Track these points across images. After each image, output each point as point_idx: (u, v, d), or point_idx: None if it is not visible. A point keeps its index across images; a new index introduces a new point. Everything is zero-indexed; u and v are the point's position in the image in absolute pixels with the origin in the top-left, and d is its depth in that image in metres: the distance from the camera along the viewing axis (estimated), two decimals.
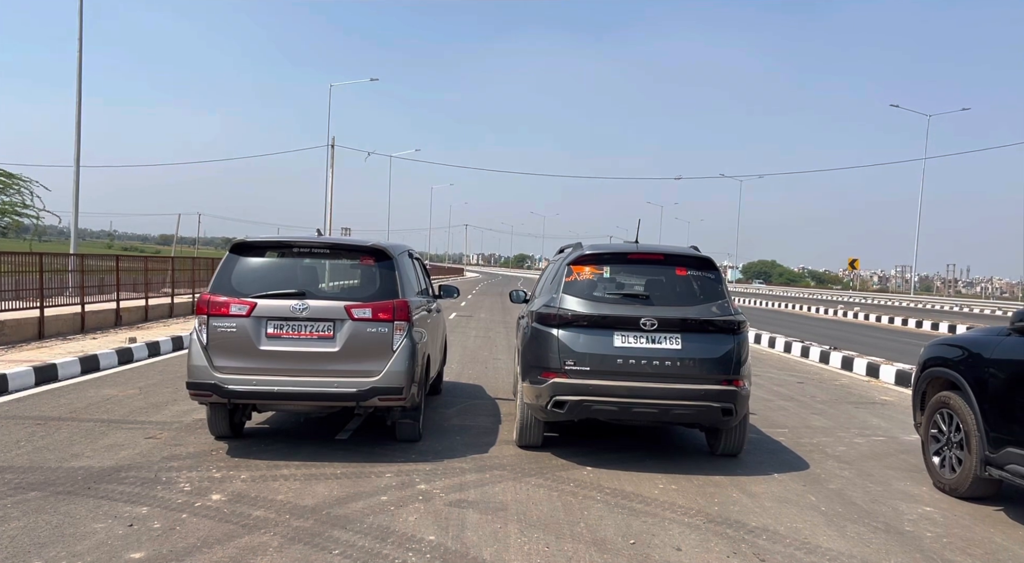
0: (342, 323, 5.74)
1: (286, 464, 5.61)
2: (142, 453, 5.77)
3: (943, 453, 5.52)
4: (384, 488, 5.13)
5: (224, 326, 5.71)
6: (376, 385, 5.71)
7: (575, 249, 6.44)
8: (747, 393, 5.86)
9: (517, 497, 5.05)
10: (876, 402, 9.63)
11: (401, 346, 5.83)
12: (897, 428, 7.93)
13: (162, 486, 4.99)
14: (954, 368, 5.41)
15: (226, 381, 5.65)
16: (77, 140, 20.57)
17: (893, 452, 6.81)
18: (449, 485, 5.25)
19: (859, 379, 11.81)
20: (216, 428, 6.19)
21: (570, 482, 5.43)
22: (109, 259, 16.82)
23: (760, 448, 6.72)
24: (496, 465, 5.81)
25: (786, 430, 7.57)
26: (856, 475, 5.95)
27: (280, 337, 5.72)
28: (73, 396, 7.88)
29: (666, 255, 6.19)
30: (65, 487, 4.91)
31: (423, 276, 7.72)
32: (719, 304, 5.92)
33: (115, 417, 6.97)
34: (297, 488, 5.06)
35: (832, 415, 8.54)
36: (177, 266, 19.33)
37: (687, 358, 5.66)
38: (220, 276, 5.92)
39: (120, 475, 5.20)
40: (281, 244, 6.15)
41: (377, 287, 5.97)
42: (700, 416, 5.77)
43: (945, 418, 5.48)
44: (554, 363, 5.76)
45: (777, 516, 4.84)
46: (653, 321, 5.68)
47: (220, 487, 5.01)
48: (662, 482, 5.52)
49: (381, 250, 6.11)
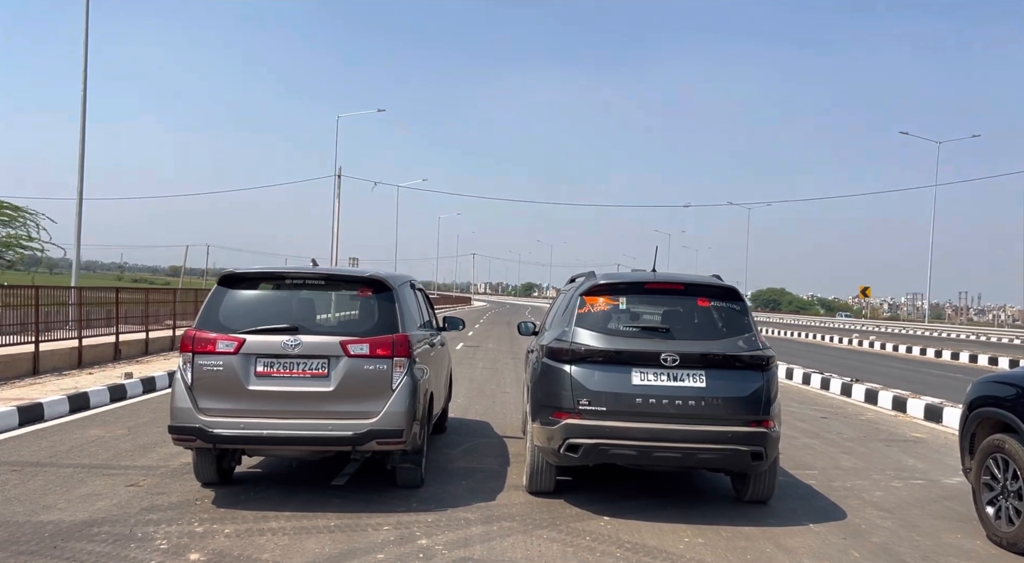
0: (337, 360, 5.31)
1: (275, 515, 5.14)
2: (120, 504, 5.31)
3: (998, 503, 5.00)
4: (381, 543, 4.65)
5: (210, 364, 5.29)
6: (374, 427, 5.26)
7: (588, 278, 6.01)
8: (777, 435, 5.37)
9: (528, 554, 4.56)
10: (908, 439, 9.08)
11: (401, 384, 5.39)
12: (935, 469, 7.39)
13: (136, 544, 4.52)
14: (1008, 408, 4.92)
15: (212, 424, 5.21)
16: (80, 173, 20.39)
17: (936, 498, 6.27)
18: (453, 540, 4.77)
19: (885, 414, 11.24)
20: (203, 474, 5.73)
21: (586, 535, 4.94)
22: (109, 291, 16.50)
23: (790, 493, 6.20)
24: (504, 515, 5.33)
25: (815, 472, 7.05)
26: (899, 526, 5.42)
27: (270, 376, 5.29)
28: (57, 438, 7.43)
29: (687, 285, 5.75)
30: (29, 546, 4.45)
31: (426, 308, 7.29)
32: (746, 337, 5.47)
33: (97, 461, 6.52)
34: (285, 544, 4.58)
35: (862, 454, 8.01)
36: (180, 298, 19.00)
37: (712, 397, 5.19)
38: (207, 310, 5.51)
39: (92, 531, 4.73)
40: (273, 275, 5.75)
41: (375, 321, 5.55)
42: (727, 461, 5.29)
43: (999, 464, 4.98)
44: (567, 402, 5.30)
45: None
46: (675, 356, 5.22)
47: (200, 544, 4.54)
48: (687, 534, 5.02)
49: (380, 281, 5.70)
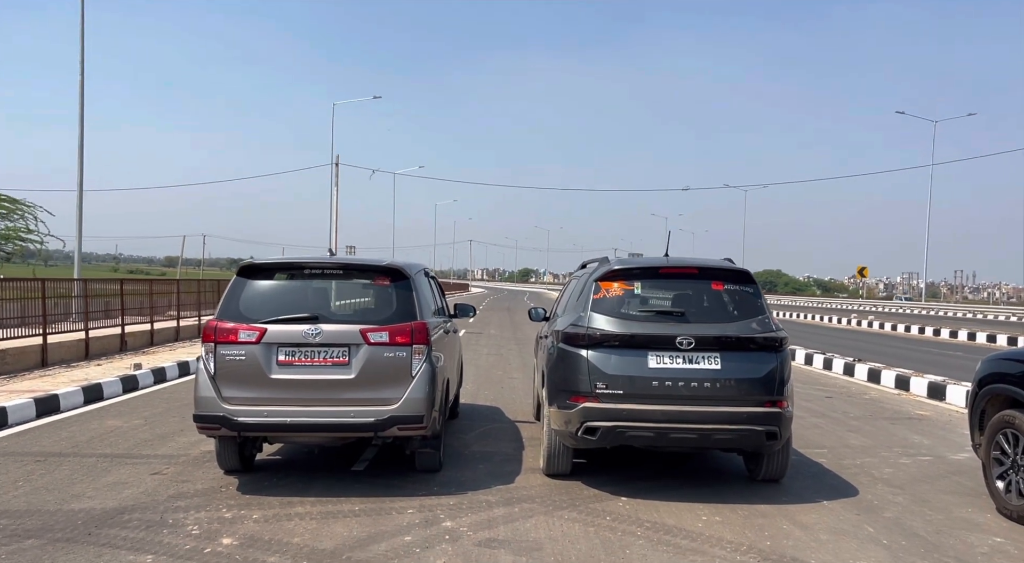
0: (358, 348, 5.39)
1: (300, 500, 5.24)
2: (147, 491, 5.41)
3: (1008, 477, 5.12)
4: (407, 526, 4.75)
5: (232, 354, 5.37)
6: (395, 414, 5.35)
7: (602, 264, 6.08)
8: (791, 414, 5.48)
9: (551, 534, 4.67)
10: (912, 417, 9.21)
11: (420, 371, 5.47)
12: (941, 446, 7.52)
13: (168, 530, 4.62)
14: (1018, 384, 5.03)
15: (235, 413, 5.29)
16: (80, 165, 20.36)
17: (944, 474, 6.40)
18: (476, 521, 4.88)
19: (889, 392, 11.38)
20: (225, 462, 5.82)
21: (606, 515, 5.05)
22: (113, 283, 16.52)
23: (801, 472, 6.32)
24: (524, 497, 5.44)
25: (825, 450, 7.17)
26: (911, 501, 5.54)
27: (292, 365, 5.37)
28: (75, 428, 7.52)
29: (700, 269, 5.83)
30: (64, 533, 4.54)
31: (439, 295, 7.37)
32: (759, 320, 5.56)
33: (119, 451, 6.61)
34: (314, 528, 4.68)
35: (869, 433, 8.13)
36: (182, 289, 19.03)
37: (727, 379, 5.29)
38: (227, 301, 5.58)
39: (123, 518, 4.83)
40: (291, 265, 5.81)
41: (394, 309, 5.62)
42: (742, 441, 5.39)
43: (1010, 439, 5.09)
44: (584, 386, 5.39)
45: (837, 552, 4.44)
46: (690, 340, 5.31)
47: (231, 529, 4.64)
48: (704, 513, 5.14)
49: (397, 269, 5.77)
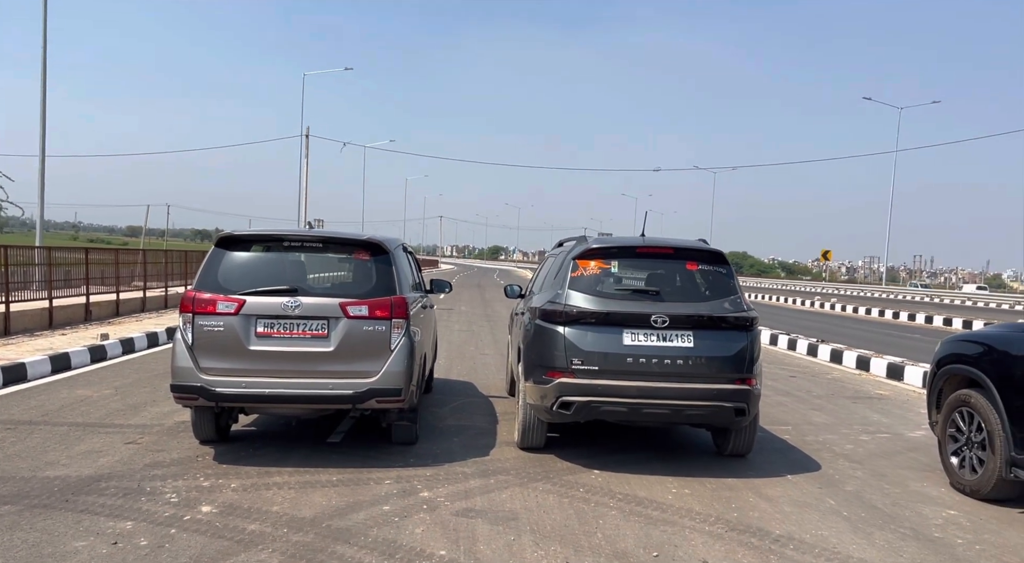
0: (337, 321, 5.42)
1: (278, 470, 5.29)
2: (123, 460, 5.41)
3: (962, 453, 5.36)
4: (385, 496, 4.83)
5: (211, 325, 5.36)
6: (374, 386, 5.41)
7: (579, 242, 6.17)
8: (759, 392, 5.65)
9: (527, 505, 4.79)
10: (872, 396, 9.52)
11: (399, 345, 5.53)
12: (899, 424, 7.80)
13: (146, 497, 4.65)
14: (975, 365, 5.24)
15: (213, 383, 5.30)
16: (42, 129, 19.82)
17: (901, 450, 6.66)
18: (453, 492, 4.98)
19: (850, 372, 11.72)
20: (201, 432, 5.84)
21: (579, 487, 5.18)
22: (78, 252, 16.22)
23: (767, 447, 6.53)
24: (500, 469, 5.55)
25: (789, 427, 7.40)
26: (870, 476, 5.78)
27: (271, 336, 5.39)
28: (44, 397, 7.45)
29: (676, 249, 5.94)
30: (41, 500, 4.54)
31: (416, 270, 7.40)
32: (731, 299, 5.70)
33: (91, 420, 6.57)
34: (292, 497, 4.74)
35: (832, 411, 8.40)
36: (149, 259, 18.72)
37: (699, 356, 5.43)
38: (206, 271, 5.56)
39: (100, 485, 4.84)
40: (271, 237, 5.80)
41: (373, 283, 5.65)
42: (712, 417, 5.56)
43: (965, 417, 5.32)
44: (560, 362, 5.50)
45: (800, 523, 4.63)
46: (664, 318, 5.44)
47: (209, 498, 4.68)
48: (674, 486, 5.30)
49: (377, 244, 5.79)
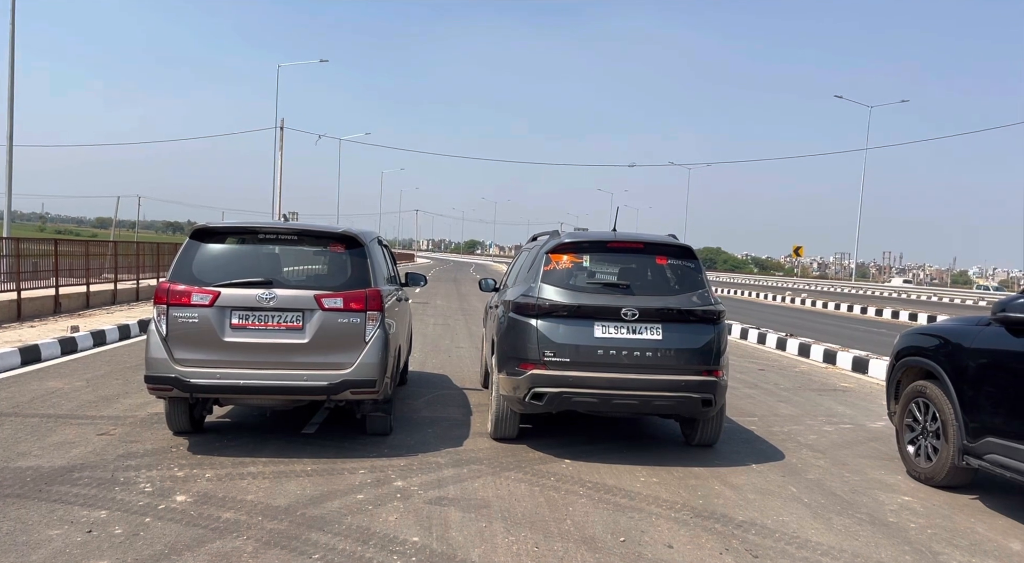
0: (312, 313, 5.47)
1: (252, 461, 5.34)
2: (95, 451, 5.42)
3: (918, 442, 5.56)
4: (359, 486, 4.91)
5: (185, 316, 5.39)
6: (348, 378, 5.47)
7: (552, 237, 6.28)
8: (726, 383, 5.81)
9: (498, 493, 4.89)
10: (837, 389, 9.76)
11: (374, 337, 5.60)
12: (862, 415, 8.03)
13: (120, 487, 4.68)
14: (931, 358, 5.44)
15: (188, 374, 5.33)
16: (10, 117, 19.52)
17: (862, 440, 6.87)
18: (427, 481, 5.07)
19: (817, 366, 11.99)
20: (175, 423, 5.86)
21: (550, 476, 5.30)
22: (46, 243, 15.99)
23: (734, 437, 6.70)
24: (473, 459, 5.65)
25: (756, 418, 7.59)
26: (831, 464, 5.97)
27: (245, 328, 5.43)
28: (15, 389, 7.40)
29: (646, 243, 6.07)
30: (13, 489, 4.56)
31: (391, 264, 7.46)
32: (699, 293, 5.84)
33: (62, 412, 6.56)
34: (267, 487, 4.80)
35: (797, 403, 8.62)
36: (120, 251, 18.54)
37: (668, 348, 5.57)
38: (180, 263, 5.58)
39: (73, 476, 4.86)
40: (246, 230, 5.83)
41: (348, 275, 5.71)
42: (680, 407, 5.70)
43: (921, 407, 5.52)
44: (533, 354, 5.61)
45: (762, 509, 4.79)
46: (634, 311, 5.57)
47: (184, 487, 4.72)
48: (643, 474, 5.44)
49: (352, 237, 5.85)
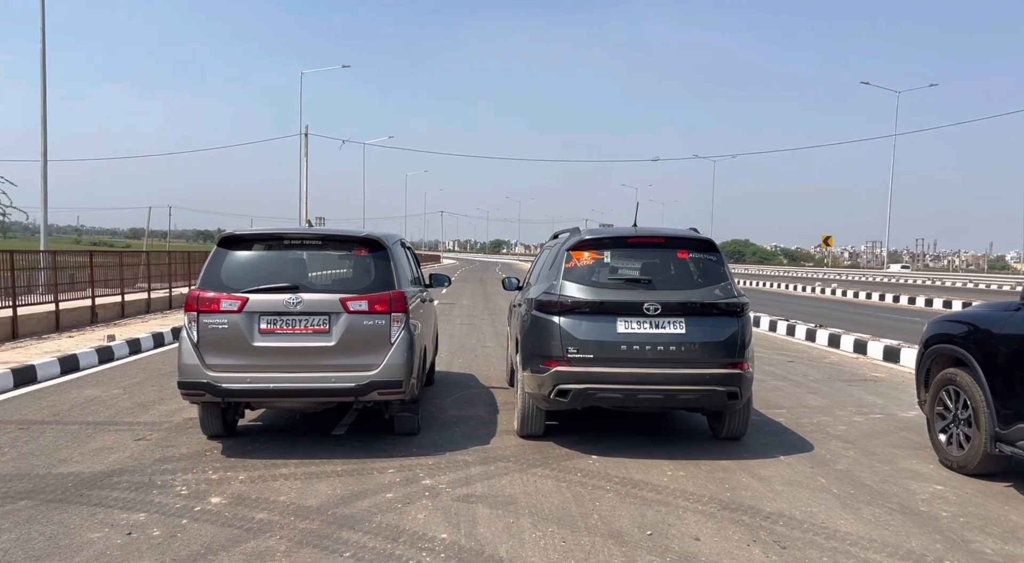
0: (338, 316, 5.57)
1: (284, 463, 5.45)
2: (133, 456, 5.57)
3: (950, 430, 5.50)
4: (388, 485, 4.99)
5: (215, 323, 5.51)
6: (375, 379, 5.56)
7: (573, 234, 6.31)
8: (751, 376, 5.79)
9: (526, 489, 4.94)
10: (868, 379, 9.65)
11: (399, 338, 5.68)
12: (893, 405, 7.94)
13: (158, 490, 4.81)
14: (961, 345, 5.38)
15: (219, 379, 5.46)
16: (43, 133, 19.98)
17: (893, 430, 6.80)
18: (455, 479, 5.13)
19: (848, 356, 11.85)
20: (209, 427, 6.00)
21: (577, 472, 5.33)
22: (82, 255, 16.38)
23: (762, 430, 6.67)
24: (500, 457, 5.70)
25: (784, 410, 7.54)
26: (861, 454, 5.92)
27: (274, 332, 5.54)
28: (55, 398, 7.62)
29: (667, 238, 6.08)
30: (56, 495, 4.71)
31: (415, 265, 7.55)
32: (722, 286, 5.83)
33: (101, 419, 6.74)
34: (299, 488, 4.90)
35: (827, 394, 8.54)
36: (152, 261, 18.91)
37: (691, 342, 5.57)
38: (209, 271, 5.71)
39: (112, 480, 5.01)
40: (271, 236, 5.95)
41: (372, 278, 5.80)
42: (705, 401, 5.70)
43: (952, 395, 5.45)
44: (556, 351, 5.64)
45: (790, 500, 4.78)
46: (656, 306, 5.57)
47: (219, 489, 4.84)
48: (670, 469, 5.45)
49: (375, 240, 5.93)
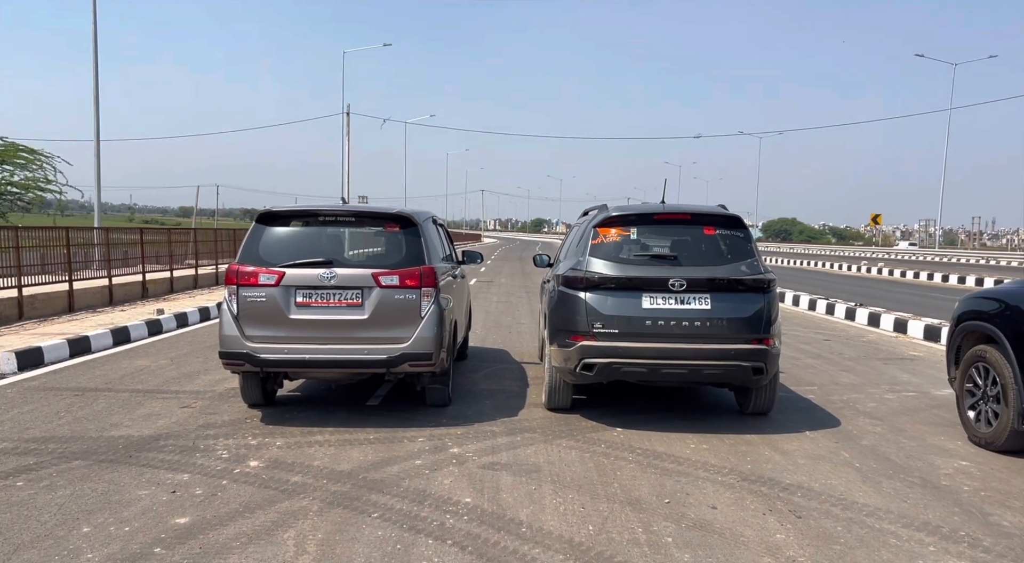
0: (370, 290, 5.76)
1: (320, 430, 5.69)
2: (179, 422, 5.87)
3: (979, 407, 5.47)
4: (418, 452, 5.19)
5: (254, 296, 5.75)
6: (406, 351, 5.75)
7: (600, 211, 6.38)
8: (777, 352, 5.82)
9: (549, 459, 5.09)
10: (905, 358, 9.55)
11: (429, 312, 5.84)
12: (928, 383, 7.87)
13: (201, 454, 5.09)
14: (991, 321, 5.33)
15: (258, 350, 5.71)
16: (96, 114, 20.63)
17: (925, 407, 6.77)
18: (481, 448, 5.30)
19: (886, 335, 11.70)
20: (249, 396, 6.28)
21: (601, 443, 5.46)
22: (133, 232, 16.98)
23: (790, 406, 6.70)
24: (526, 428, 5.85)
25: (815, 387, 7.54)
26: (888, 431, 5.92)
27: (309, 306, 5.75)
28: (107, 367, 8.01)
29: (693, 214, 6.11)
30: (107, 456, 5.02)
31: (447, 242, 7.70)
32: (748, 262, 5.86)
33: (149, 387, 7.09)
34: (332, 453, 5.13)
35: (861, 372, 8.49)
36: (199, 238, 19.49)
37: (717, 318, 5.62)
38: (248, 246, 5.94)
39: (159, 443, 5.30)
40: (307, 213, 6.15)
41: (403, 254, 5.96)
42: (730, 376, 5.75)
43: (981, 372, 5.42)
44: (582, 326, 5.75)
45: (811, 473, 4.84)
46: (682, 282, 5.63)
47: (257, 454, 5.10)
48: (693, 442, 5.54)
49: (406, 217, 6.09)
